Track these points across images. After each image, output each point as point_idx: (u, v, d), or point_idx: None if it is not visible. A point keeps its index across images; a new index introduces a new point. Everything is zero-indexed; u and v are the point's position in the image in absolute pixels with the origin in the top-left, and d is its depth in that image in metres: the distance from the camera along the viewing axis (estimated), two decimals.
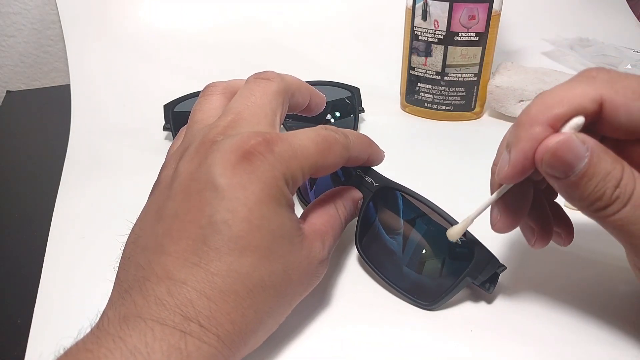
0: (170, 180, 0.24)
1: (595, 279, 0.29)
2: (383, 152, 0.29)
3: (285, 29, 0.64)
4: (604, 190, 0.20)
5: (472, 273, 0.26)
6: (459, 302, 0.27)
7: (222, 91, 0.28)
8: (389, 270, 0.28)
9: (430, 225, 0.27)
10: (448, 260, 0.27)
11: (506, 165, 0.22)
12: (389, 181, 0.28)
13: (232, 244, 0.21)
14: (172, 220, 0.22)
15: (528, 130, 0.21)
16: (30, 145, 0.48)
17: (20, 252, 0.33)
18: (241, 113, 0.25)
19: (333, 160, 0.25)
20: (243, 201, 0.21)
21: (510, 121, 0.49)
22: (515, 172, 0.22)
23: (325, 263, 0.25)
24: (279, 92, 0.26)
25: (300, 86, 0.29)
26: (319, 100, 0.31)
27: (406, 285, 0.28)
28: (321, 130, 0.25)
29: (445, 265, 0.27)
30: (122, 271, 0.22)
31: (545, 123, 0.21)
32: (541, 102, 0.21)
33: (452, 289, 0.26)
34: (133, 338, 0.18)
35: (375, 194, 0.29)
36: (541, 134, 0.21)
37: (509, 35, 0.64)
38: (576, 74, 0.23)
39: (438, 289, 0.27)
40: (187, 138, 0.26)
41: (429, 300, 0.27)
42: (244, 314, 0.21)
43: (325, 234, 0.25)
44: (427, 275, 0.28)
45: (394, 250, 0.28)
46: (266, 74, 0.27)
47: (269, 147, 0.22)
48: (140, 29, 0.60)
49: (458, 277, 0.26)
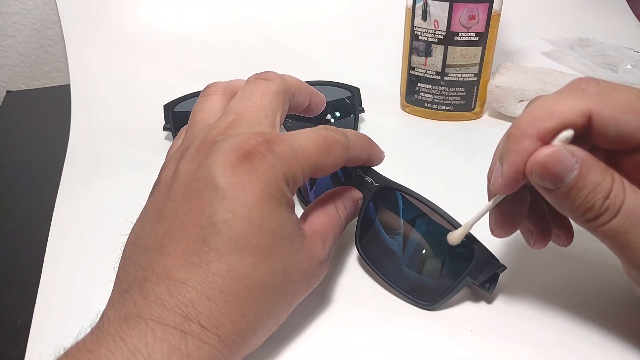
0: (170, 180, 0.24)
1: (596, 281, 0.29)
2: (383, 152, 0.29)
3: (285, 29, 0.64)
4: (594, 202, 0.21)
5: (472, 273, 0.26)
6: (459, 302, 0.27)
7: (222, 91, 0.28)
8: (389, 270, 0.28)
9: (431, 225, 0.27)
10: (448, 260, 0.27)
11: (499, 177, 0.22)
12: (389, 181, 0.28)
13: (232, 244, 0.21)
14: (172, 220, 0.22)
15: (518, 144, 0.21)
16: (30, 145, 0.48)
17: (20, 252, 0.33)
18: (241, 113, 0.25)
19: (333, 160, 0.25)
20: (243, 201, 0.21)
21: (510, 121, 0.49)
22: (509, 184, 0.22)
23: (325, 263, 0.25)
24: (279, 93, 0.26)
25: (301, 86, 0.29)
26: (319, 100, 0.31)
27: (406, 285, 0.28)
28: (321, 130, 0.25)
29: (445, 265, 0.27)
30: (122, 271, 0.22)
31: (535, 136, 0.21)
32: (531, 114, 0.22)
33: (452, 289, 0.26)
34: (133, 338, 0.18)
35: (375, 194, 0.29)
36: (531, 147, 0.21)
37: (509, 35, 0.64)
38: (566, 85, 0.23)
39: (438, 289, 0.27)
40: (188, 138, 0.26)
41: (429, 300, 0.27)
42: (245, 314, 0.21)
43: (325, 234, 0.25)
44: (427, 275, 0.28)
45: (394, 250, 0.28)
46: (266, 74, 0.27)
47: (269, 147, 0.22)
48: (140, 29, 0.60)
49: (458, 277, 0.26)
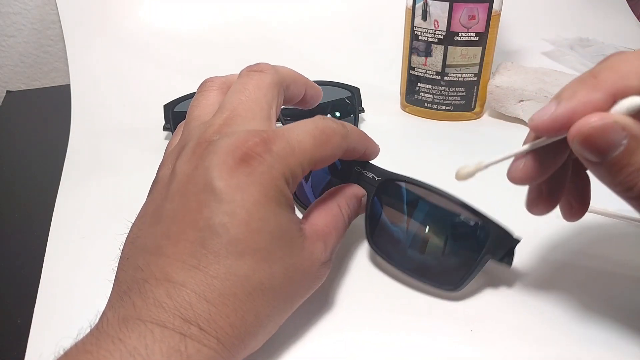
0: (167, 180, 0.24)
1: (597, 282, 0.29)
2: (378, 146, 0.29)
3: (285, 28, 0.64)
4: (636, 182, 0.19)
5: (491, 249, 0.26)
6: (458, 302, 0.27)
7: (219, 86, 0.28)
8: (407, 261, 0.28)
9: (440, 210, 0.27)
10: (465, 241, 0.27)
11: (547, 115, 0.20)
12: (391, 173, 0.28)
13: (231, 247, 0.21)
14: (170, 222, 0.22)
15: (590, 92, 0.19)
16: (30, 145, 0.48)
17: (20, 252, 0.33)
18: (236, 109, 0.24)
19: (332, 151, 0.25)
20: (241, 204, 0.21)
21: (510, 121, 0.49)
22: (553, 125, 0.20)
23: (327, 265, 0.25)
24: (273, 84, 0.26)
25: (295, 78, 0.28)
26: (315, 92, 0.30)
27: (428, 274, 0.28)
28: (319, 121, 0.25)
29: (463, 247, 0.27)
30: (121, 272, 0.22)
31: (609, 92, 0.19)
32: (616, 67, 0.19)
33: (474, 268, 0.26)
34: (132, 340, 0.18)
35: (379, 188, 0.29)
36: (599, 102, 0.19)
37: (509, 35, 0.64)
38: None
39: (460, 271, 0.27)
40: (184, 136, 0.25)
41: (453, 284, 0.27)
42: (244, 317, 0.21)
43: (327, 234, 0.25)
44: (447, 259, 0.28)
45: (409, 240, 0.28)
46: (259, 66, 0.26)
47: (267, 146, 0.22)
48: (141, 28, 0.60)
49: (478, 256, 0.26)
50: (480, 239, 0.26)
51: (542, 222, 0.34)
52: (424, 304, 0.28)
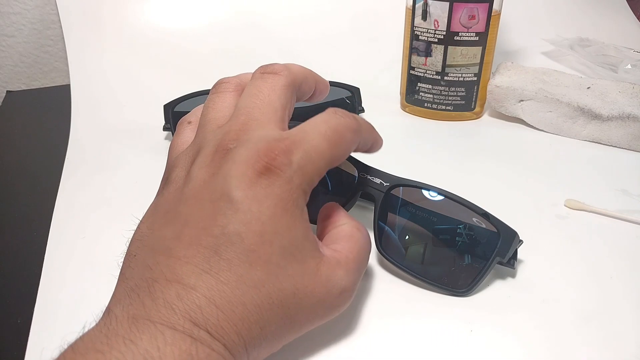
0: (182, 183, 0.23)
1: (597, 282, 0.29)
2: (381, 138, 0.29)
3: (285, 29, 0.64)
4: None
5: (501, 252, 0.26)
6: (458, 302, 0.28)
7: (234, 88, 0.28)
8: (418, 266, 0.28)
9: (452, 212, 0.28)
10: (476, 244, 0.28)
11: None
12: (399, 179, 0.28)
13: (244, 256, 0.21)
14: (183, 225, 0.22)
15: None
16: (30, 145, 0.48)
17: (20, 252, 0.33)
18: (251, 113, 0.24)
19: (346, 148, 0.25)
20: (257, 215, 0.21)
21: (510, 121, 0.49)
22: None
23: (348, 294, 0.23)
24: (287, 86, 0.26)
25: (307, 76, 0.28)
26: (324, 87, 0.30)
27: (440, 278, 0.28)
28: (331, 120, 0.24)
29: (475, 250, 0.28)
30: (128, 268, 0.22)
31: None
32: None
33: (485, 271, 0.27)
34: (144, 341, 0.18)
35: (387, 194, 0.29)
36: None
37: (509, 35, 0.64)
38: None
39: (470, 274, 0.27)
40: (199, 139, 0.25)
41: (464, 287, 0.27)
42: (250, 328, 0.20)
43: (350, 260, 0.24)
44: (459, 264, 0.28)
45: (420, 245, 0.29)
46: (273, 68, 0.26)
47: (287, 158, 0.22)
48: (140, 29, 0.60)
49: (488, 259, 0.27)
50: (492, 241, 0.26)
51: (542, 223, 0.34)
52: (423, 304, 0.28)
